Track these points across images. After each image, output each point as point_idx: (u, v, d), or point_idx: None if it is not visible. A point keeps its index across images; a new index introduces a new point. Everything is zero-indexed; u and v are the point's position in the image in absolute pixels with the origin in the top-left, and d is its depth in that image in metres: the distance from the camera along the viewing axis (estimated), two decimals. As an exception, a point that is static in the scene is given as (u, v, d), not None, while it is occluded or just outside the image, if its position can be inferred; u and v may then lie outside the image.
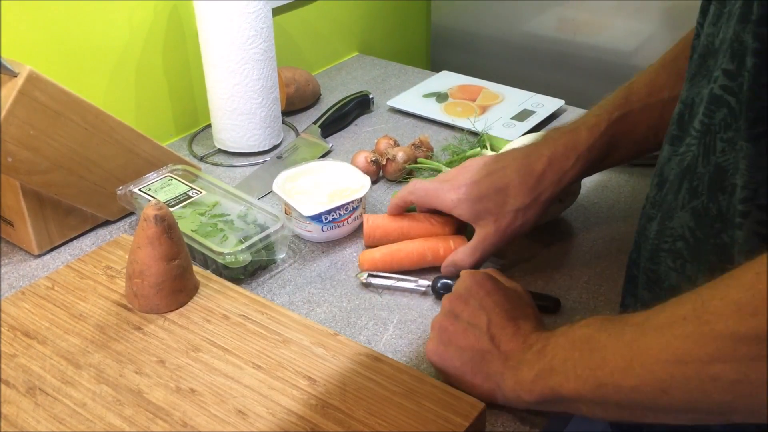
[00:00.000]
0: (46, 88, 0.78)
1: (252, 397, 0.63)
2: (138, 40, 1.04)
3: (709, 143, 0.56)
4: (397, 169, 0.98)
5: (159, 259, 0.72)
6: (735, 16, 0.53)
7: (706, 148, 0.56)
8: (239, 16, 0.98)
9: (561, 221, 0.91)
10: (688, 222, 0.58)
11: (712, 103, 0.55)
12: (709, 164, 0.56)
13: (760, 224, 0.51)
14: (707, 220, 0.56)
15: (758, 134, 0.50)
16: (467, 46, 1.50)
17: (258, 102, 1.04)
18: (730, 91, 0.53)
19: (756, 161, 0.51)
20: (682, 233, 0.59)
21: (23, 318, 0.72)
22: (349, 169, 0.92)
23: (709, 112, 0.55)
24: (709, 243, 0.56)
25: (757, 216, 0.51)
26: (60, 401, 0.63)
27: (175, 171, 0.92)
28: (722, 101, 0.54)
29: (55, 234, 0.87)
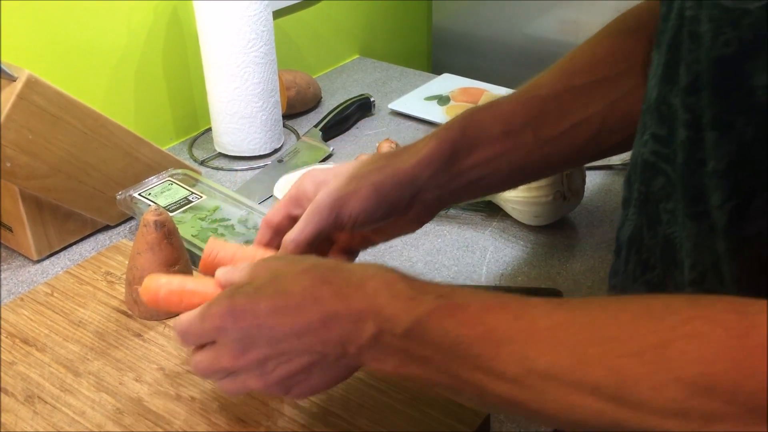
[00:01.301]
0: (44, 92, 0.78)
1: (253, 405, 0.62)
2: (137, 43, 1.04)
3: (651, 213, 0.50)
4: None
5: (159, 265, 0.71)
6: (658, 75, 0.48)
7: (650, 217, 0.50)
8: (240, 19, 0.97)
9: (565, 223, 0.91)
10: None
11: (647, 169, 0.50)
12: (657, 235, 0.50)
13: None
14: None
15: (698, 214, 0.45)
16: (468, 49, 1.49)
17: (259, 105, 1.03)
18: (664, 158, 0.48)
19: (699, 243, 0.45)
20: None
21: (22, 325, 0.72)
22: (351, 173, 0.92)
23: (645, 179, 0.50)
24: None
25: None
26: (59, 410, 0.62)
27: (175, 175, 0.91)
28: (657, 168, 0.48)
29: (54, 239, 0.86)
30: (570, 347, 0.41)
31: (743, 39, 0.40)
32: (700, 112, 0.43)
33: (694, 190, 0.45)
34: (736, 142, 0.42)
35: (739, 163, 0.42)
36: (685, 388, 0.36)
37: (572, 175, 0.87)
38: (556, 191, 0.85)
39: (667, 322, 0.39)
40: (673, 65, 0.46)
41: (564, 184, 0.86)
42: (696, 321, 0.38)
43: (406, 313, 0.46)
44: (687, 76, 0.44)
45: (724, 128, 0.42)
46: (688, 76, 0.44)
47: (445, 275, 0.83)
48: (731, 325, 0.37)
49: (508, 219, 0.91)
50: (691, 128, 0.44)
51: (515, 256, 0.86)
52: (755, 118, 0.41)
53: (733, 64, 0.41)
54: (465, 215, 0.93)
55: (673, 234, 0.48)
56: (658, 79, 0.48)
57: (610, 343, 0.40)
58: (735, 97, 0.41)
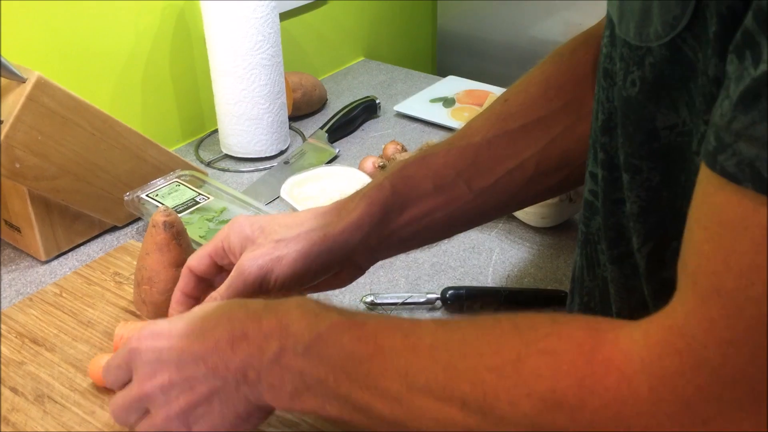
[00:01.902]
0: (54, 93, 0.78)
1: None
2: (145, 45, 1.04)
3: (590, 254, 0.49)
4: None
5: (168, 266, 0.71)
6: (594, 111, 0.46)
7: (589, 259, 0.50)
8: (247, 21, 0.98)
9: (571, 224, 0.91)
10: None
11: (586, 209, 0.48)
12: (596, 278, 0.49)
13: None
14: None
15: (619, 255, 0.44)
16: (473, 51, 1.50)
17: (265, 107, 1.03)
18: (598, 198, 0.46)
19: (623, 285, 0.45)
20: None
21: (31, 325, 0.72)
22: (357, 175, 0.92)
23: (585, 219, 0.49)
24: None
25: None
26: (69, 409, 0.63)
27: (182, 176, 0.92)
28: (594, 208, 0.47)
29: (62, 240, 0.86)
30: (444, 363, 0.41)
31: (646, 79, 0.39)
32: (614, 152, 0.43)
33: (614, 231, 0.44)
34: (645, 186, 0.41)
35: (650, 208, 0.41)
36: (536, 403, 0.37)
37: (578, 177, 0.87)
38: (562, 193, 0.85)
39: (526, 337, 0.39)
40: (596, 107, 0.46)
41: (570, 185, 0.86)
42: (551, 337, 0.38)
43: (309, 329, 0.46)
44: (602, 114, 0.43)
45: (633, 171, 0.41)
46: (602, 114, 0.43)
47: (452, 276, 0.83)
48: (581, 341, 0.37)
49: (514, 221, 0.92)
50: (607, 168, 0.44)
51: (521, 257, 0.86)
52: (660, 163, 0.40)
53: (638, 104, 0.40)
54: (471, 217, 0.93)
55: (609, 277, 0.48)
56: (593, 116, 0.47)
57: (477, 358, 0.40)
58: (641, 139, 0.40)
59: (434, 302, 0.78)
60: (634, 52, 0.39)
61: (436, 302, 0.78)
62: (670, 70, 0.38)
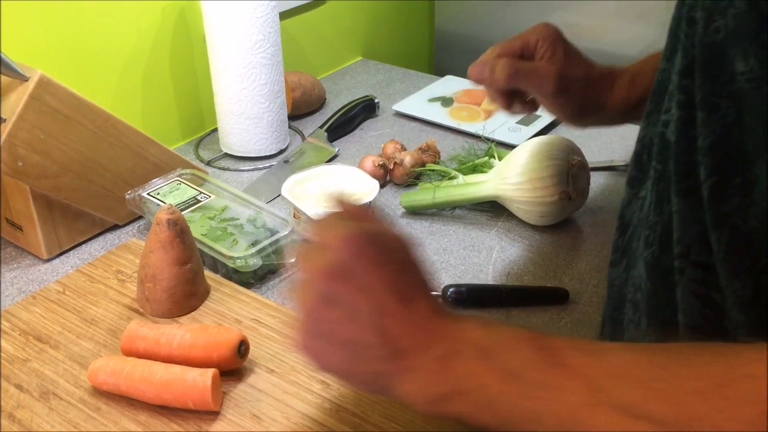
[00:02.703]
0: (56, 92, 0.78)
1: (267, 401, 0.63)
2: (145, 44, 1.04)
3: (662, 191, 0.52)
4: (404, 173, 0.98)
5: (171, 263, 0.72)
6: (665, 57, 0.51)
7: (659, 195, 0.53)
8: (247, 20, 0.98)
9: (570, 223, 0.92)
10: (642, 273, 0.55)
11: (664, 149, 0.52)
12: (663, 213, 0.52)
13: (694, 282, 0.49)
14: (658, 272, 0.53)
15: (687, 189, 0.48)
16: (471, 51, 1.49)
17: (265, 106, 1.04)
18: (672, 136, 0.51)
19: (687, 216, 0.48)
20: (640, 284, 0.56)
21: (35, 322, 0.72)
22: (357, 173, 0.93)
23: (662, 158, 0.52)
24: (662, 297, 0.53)
25: (692, 274, 0.49)
26: (74, 406, 0.63)
27: (183, 175, 0.92)
28: (671, 147, 0.51)
29: (64, 238, 0.87)
30: (638, 382, 0.41)
31: (729, 27, 0.44)
32: (693, 93, 0.47)
33: (685, 166, 0.48)
34: (719, 123, 0.45)
35: (720, 143, 0.46)
36: (741, 428, 0.37)
37: (577, 176, 0.88)
38: (561, 191, 0.86)
39: (730, 362, 0.40)
40: (673, 49, 0.50)
41: (569, 184, 0.87)
42: (757, 363, 0.39)
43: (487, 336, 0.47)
44: (683, 59, 0.48)
45: (710, 109, 0.46)
46: (684, 59, 0.48)
47: (452, 274, 0.84)
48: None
49: (513, 219, 0.92)
50: (684, 108, 0.48)
51: (521, 255, 0.87)
52: (736, 103, 0.45)
53: (720, 50, 0.45)
54: (471, 215, 0.94)
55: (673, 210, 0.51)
56: (664, 60, 0.52)
57: (677, 381, 0.40)
58: (722, 80, 0.45)
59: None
60: (717, 2, 0.45)
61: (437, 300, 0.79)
62: (748, 20, 0.43)
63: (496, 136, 1.09)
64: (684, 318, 0.49)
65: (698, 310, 0.49)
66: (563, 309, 0.79)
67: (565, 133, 1.13)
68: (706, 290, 0.48)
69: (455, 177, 0.95)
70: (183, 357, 0.64)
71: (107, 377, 0.63)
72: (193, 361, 0.64)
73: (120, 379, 0.62)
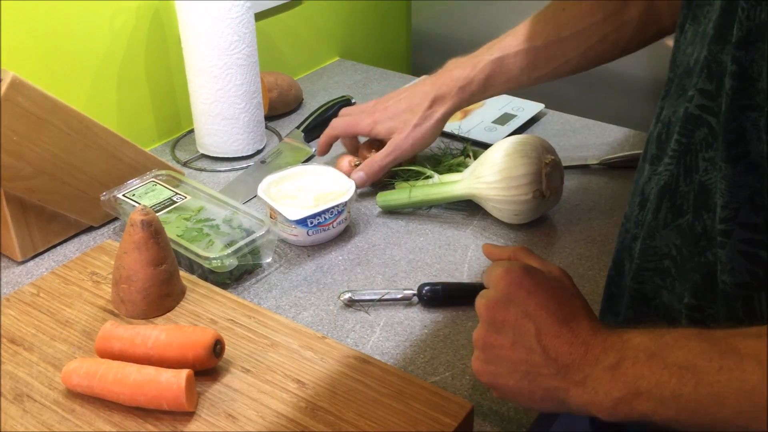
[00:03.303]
0: (29, 93, 0.78)
1: (242, 401, 0.63)
2: (120, 45, 1.04)
3: (690, 162, 0.56)
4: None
5: (146, 264, 0.72)
6: (709, 36, 0.53)
7: (687, 167, 0.56)
8: (222, 21, 0.98)
9: (545, 221, 0.93)
10: (674, 240, 0.58)
11: (689, 122, 0.55)
12: (693, 183, 0.56)
13: (744, 243, 0.52)
14: (692, 238, 0.56)
15: (737, 155, 0.51)
16: (447, 51, 1.50)
17: (241, 107, 1.04)
18: (709, 111, 0.53)
19: (735, 181, 0.51)
20: (668, 251, 0.59)
21: (9, 325, 0.72)
22: (334, 173, 0.93)
23: (686, 131, 0.56)
24: (693, 261, 0.57)
25: (741, 235, 0.52)
26: (48, 408, 0.63)
27: (159, 176, 0.92)
28: (701, 121, 0.54)
29: (39, 240, 0.86)
30: None
31: None
32: (748, 64, 0.48)
33: (734, 133, 0.50)
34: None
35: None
36: None
37: (551, 175, 0.88)
38: (535, 190, 0.87)
39: None
40: (726, 27, 0.51)
41: (543, 182, 0.88)
42: None
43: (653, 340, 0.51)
44: (738, 32, 0.49)
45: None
46: (739, 32, 0.49)
47: (428, 273, 0.84)
48: None
49: (488, 217, 0.93)
50: (736, 78, 0.49)
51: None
52: None
53: None
54: (446, 214, 0.95)
55: (709, 180, 0.54)
56: (710, 39, 0.53)
57: None
58: None
59: (411, 298, 0.79)
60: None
61: (412, 298, 0.79)
62: None
63: (472, 135, 1.09)
64: (731, 277, 0.52)
65: (747, 268, 0.52)
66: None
67: (540, 132, 1.14)
68: (753, 249, 0.51)
69: (431, 176, 0.96)
70: (158, 357, 0.64)
71: (81, 379, 0.63)
72: (168, 361, 0.64)
73: (94, 381, 0.62)
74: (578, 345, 0.54)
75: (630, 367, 0.51)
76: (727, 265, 0.53)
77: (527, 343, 0.56)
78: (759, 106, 0.48)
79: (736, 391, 0.46)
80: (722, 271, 0.53)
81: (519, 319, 0.57)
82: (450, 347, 0.74)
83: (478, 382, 0.69)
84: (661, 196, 0.59)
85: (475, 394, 0.69)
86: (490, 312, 0.58)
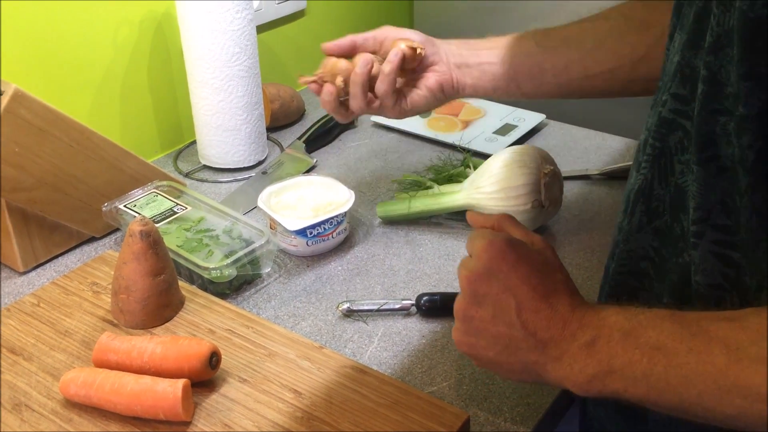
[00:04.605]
0: (31, 105, 0.79)
1: (238, 411, 0.64)
2: (123, 57, 1.05)
3: (664, 165, 0.56)
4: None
5: (145, 275, 0.72)
6: (682, 42, 0.54)
7: (662, 170, 0.57)
8: (223, 33, 0.99)
9: (544, 231, 0.93)
10: (651, 242, 0.59)
11: (663, 126, 0.56)
12: (669, 185, 0.56)
13: (715, 244, 0.52)
14: (671, 239, 0.57)
15: (707, 158, 0.51)
16: (450, 62, 1.51)
17: (243, 118, 1.05)
18: (683, 115, 0.54)
19: (707, 183, 0.51)
20: (645, 253, 0.59)
21: (9, 335, 0.73)
22: (334, 184, 0.93)
23: (659, 135, 0.56)
24: (672, 262, 0.57)
25: (712, 236, 0.52)
26: (46, 417, 0.63)
27: (160, 187, 0.93)
28: (675, 124, 0.55)
29: (41, 251, 0.87)
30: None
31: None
32: (717, 69, 0.49)
33: (706, 137, 0.50)
34: (766, 90, 0.47)
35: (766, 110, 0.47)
36: None
37: (550, 185, 0.89)
38: (534, 200, 0.87)
39: None
40: (699, 32, 0.51)
41: (542, 192, 0.88)
42: None
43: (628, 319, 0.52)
44: (710, 37, 0.49)
45: (756, 78, 0.47)
46: (710, 37, 0.49)
47: (427, 283, 0.85)
48: None
49: (488, 228, 0.93)
50: (708, 83, 0.50)
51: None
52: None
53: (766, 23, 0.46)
54: (446, 224, 0.95)
55: (685, 183, 0.54)
56: (682, 45, 0.54)
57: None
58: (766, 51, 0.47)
59: (409, 308, 0.79)
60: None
61: (411, 308, 0.80)
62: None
63: (472, 146, 1.10)
64: (703, 278, 0.53)
65: (718, 269, 0.52)
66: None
67: (541, 142, 1.15)
68: (725, 250, 0.52)
69: (431, 187, 0.96)
70: (154, 369, 0.65)
71: (79, 389, 0.63)
72: (164, 374, 0.64)
73: (91, 391, 0.63)
74: (556, 321, 0.54)
75: (604, 345, 0.51)
76: (700, 266, 0.53)
77: (507, 318, 0.56)
78: (728, 110, 0.49)
79: (703, 373, 0.47)
80: (695, 271, 0.54)
81: (500, 293, 0.57)
82: (447, 357, 0.74)
83: (476, 392, 0.69)
84: (636, 200, 0.60)
85: (472, 404, 0.69)
86: (472, 285, 0.58)
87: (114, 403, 0.62)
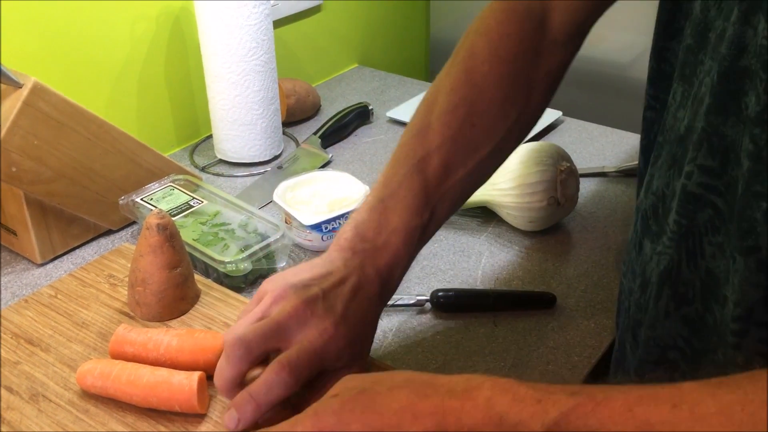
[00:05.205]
0: (50, 99, 0.79)
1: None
2: (140, 51, 1.06)
3: (692, 247, 0.49)
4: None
5: (161, 268, 0.73)
6: (705, 105, 0.47)
7: (689, 251, 0.50)
8: (240, 28, 0.99)
9: (560, 228, 0.92)
10: (680, 331, 0.52)
11: (690, 202, 0.49)
12: (698, 269, 0.49)
13: (762, 342, 0.45)
14: (704, 331, 0.50)
15: (750, 248, 0.44)
16: (466, 58, 1.51)
17: (259, 113, 1.05)
18: (714, 191, 0.47)
19: (749, 278, 0.44)
20: (674, 343, 0.53)
21: (26, 326, 0.73)
22: (349, 179, 0.93)
23: (687, 211, 0.49)
24: (709, 358, 0.50)
25: (758, 334, 0.45)
26: (63, 408, 0.64)
27: (176, 181, 0.93)
28: (705, 201, 0.48)
29: (58, 243, 0.87)
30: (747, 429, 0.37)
31: None
32: (764, 144, 0.42)
33: (747, 223, 0.44)
34: None
35: None
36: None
37: (566, 182, 0.88)
38: (550, 197, 0.87)
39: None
40: (730, 96, 0.45)
41: (558, 190, 0.87)
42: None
43: (538, 419, 0.40)
44: (756, 106, 0.43)
45: None
46: (758, 106, 0.42)
47: (441, 279, 0.85)
48: None
49: (503, 224, 0.93)
50: (754, 159, 0.43)
51: (510, 260, 0.88)
52: None
53: None
54: (461, 221, 0.95)
55: (718, 268, 0.47)
56: (707, 109, 0.47)
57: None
58: None
59: (423, 304, 0.80)
60: None
61: (425, 304, 0.80)
62: None
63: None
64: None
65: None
66: (550, 314, 0.79)
67: (557, 139, 1.14)
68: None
69: (446, 183, 0.96)
70: (170, 361, 0.65)
71: (95, 380, 0.63)
72: (180, 366, 0.64)
73: (108, 382, 0.63)
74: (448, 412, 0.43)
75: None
76: (746, 369, 0.43)
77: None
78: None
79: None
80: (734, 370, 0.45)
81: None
82: (462, 353, 0.74)
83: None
84: (662, 282, 0.52)
85: (486, 400, 0.68)
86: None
87: (130, 395, 0.63)
